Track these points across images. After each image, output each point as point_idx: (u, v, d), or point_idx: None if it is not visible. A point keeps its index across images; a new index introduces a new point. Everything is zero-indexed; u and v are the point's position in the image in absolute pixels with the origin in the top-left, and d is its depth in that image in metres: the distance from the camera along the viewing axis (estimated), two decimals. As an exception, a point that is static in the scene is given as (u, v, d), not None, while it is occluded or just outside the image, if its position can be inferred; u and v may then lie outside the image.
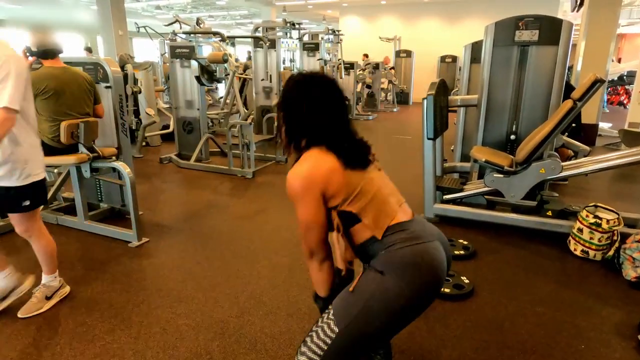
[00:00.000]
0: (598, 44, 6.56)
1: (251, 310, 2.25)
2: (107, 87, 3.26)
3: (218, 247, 3.02)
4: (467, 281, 2.49)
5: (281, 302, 2.33)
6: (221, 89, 12.00)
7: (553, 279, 2.60)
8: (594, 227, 2.79)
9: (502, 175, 3.20)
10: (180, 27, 6.45)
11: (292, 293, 2.42)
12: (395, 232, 1.21)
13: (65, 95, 2.87)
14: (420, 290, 1.17)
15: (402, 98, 12.72)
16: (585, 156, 4.32)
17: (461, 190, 3.52)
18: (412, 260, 1.17)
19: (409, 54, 13.11)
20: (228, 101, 7.26)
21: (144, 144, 6.20)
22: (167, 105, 8.42)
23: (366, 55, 12.28)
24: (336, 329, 1.16)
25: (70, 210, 3.43)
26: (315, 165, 1.21)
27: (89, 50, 10.13)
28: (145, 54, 12.54)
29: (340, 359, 1.20)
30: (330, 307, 1.22)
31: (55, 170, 3.53)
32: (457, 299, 2.35)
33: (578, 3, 8.00)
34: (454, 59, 12.66)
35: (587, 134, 6.18)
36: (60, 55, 2.90)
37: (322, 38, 8.53)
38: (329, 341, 1.17)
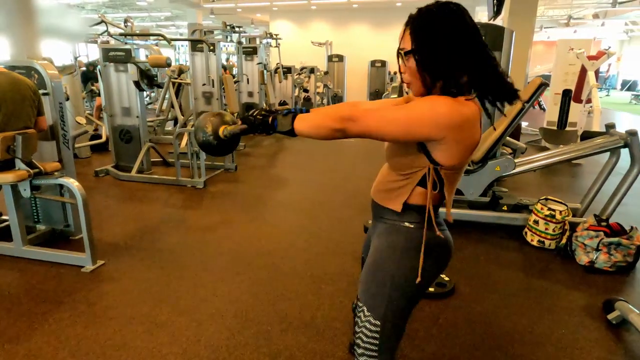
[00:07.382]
0: (518, 49, 7.18)
1: (241, 330, 2.12)
2: (44, 95, 2.89)
3: (186, 265, 2.81)
4: (447, 279, 2.56)
5: (271, 318, 2.22)
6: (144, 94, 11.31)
7: (520, 270, 2.78)
8: (549, 218, 3.03)
9: (462, 174, 3.36)
10: (107, 28, 5.97)
11: (279, 307, 2.32)
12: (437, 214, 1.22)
13: (6, 107, 2.49)
14: (441, 267, 1.26)
15: (337, 102, 12.94)
16: (522, 153, 4.69)
17: (422, 190, 3.63)
18: (445, 244, 1.22)
19: (341, 58, 13.39)
20: (164, 108, 6.86)
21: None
22: (89, 112, 7.73)
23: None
24: (378, 322, 1.19)
25: (2, 234, 2.99)
26: (475, 123, 1.06)
27: None
28: (57, 58, 11.38)
29: (393, 338, 1.23)
30: (360, 304, 1.23)
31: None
32: (442, 297, 2.42)
33: (495, 11, 8.74)
34: (383, 63, 13.17)
35: (513, 133, 6.74)
36: None
37: (260, 42, 8.37)
38: (377, 335, 1.20)
